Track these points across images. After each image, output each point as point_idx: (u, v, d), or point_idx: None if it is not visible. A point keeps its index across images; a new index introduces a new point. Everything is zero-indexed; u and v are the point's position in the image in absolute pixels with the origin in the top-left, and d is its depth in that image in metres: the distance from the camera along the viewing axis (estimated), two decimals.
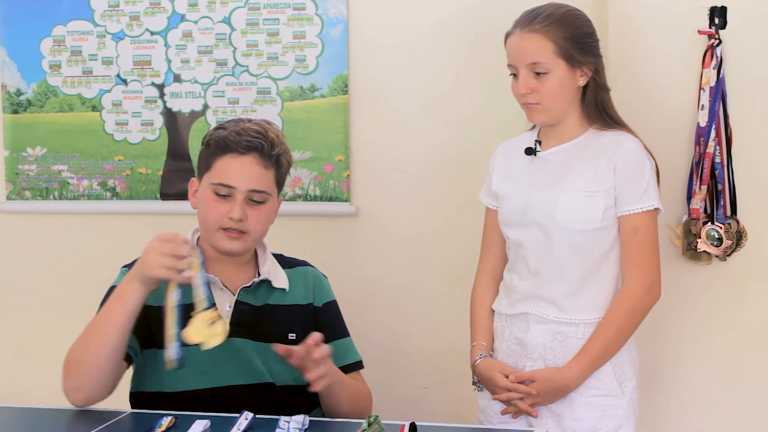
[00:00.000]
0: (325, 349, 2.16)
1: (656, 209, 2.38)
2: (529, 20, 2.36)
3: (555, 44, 2.33)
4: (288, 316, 2.35)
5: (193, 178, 2.40)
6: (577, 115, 2.42)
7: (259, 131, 2.31)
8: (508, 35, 2.41)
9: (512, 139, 2.55)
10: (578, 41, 2.35)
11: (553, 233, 2.37)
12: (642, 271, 2.36)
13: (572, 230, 2.35)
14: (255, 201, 2.30)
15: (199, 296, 2.07)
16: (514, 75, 2.39)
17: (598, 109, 2.41)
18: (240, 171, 2.28)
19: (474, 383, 2.51)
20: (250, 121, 2.35)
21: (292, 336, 2.33)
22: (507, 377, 2.39)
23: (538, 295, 2.40)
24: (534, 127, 2.51)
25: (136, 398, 2.33)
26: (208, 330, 2.06)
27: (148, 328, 2.25)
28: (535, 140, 2.46)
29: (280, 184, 2.37)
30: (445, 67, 3.02)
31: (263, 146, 2.29)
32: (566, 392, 2.36)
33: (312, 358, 2.13)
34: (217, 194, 2.28)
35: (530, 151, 2.45)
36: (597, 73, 2.39)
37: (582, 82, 2.39)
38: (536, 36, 2.34)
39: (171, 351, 2.03)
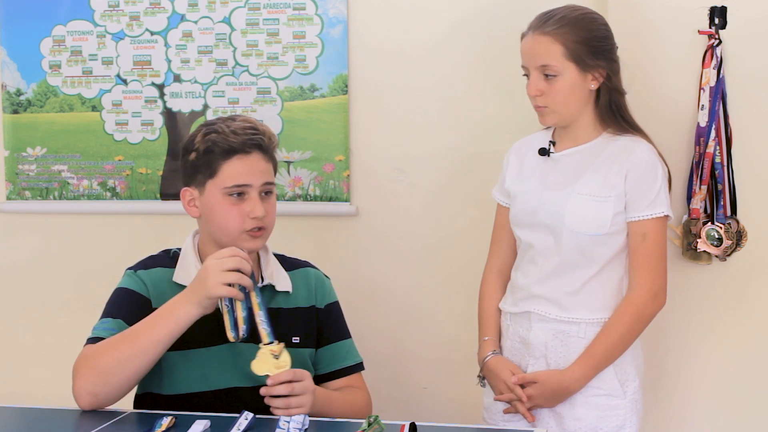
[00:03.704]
0: (300, 387, 2.13)
1: (666, 216, 2.38)
2: (542, 22, 2.36)
3: (565, 47, 2.33)
4: (291, 319, 2.35)
5: (185, 188, 2.35)
6: (590, 117, 2.42)
7: (253, 128, 2.31)
8: (522, 36, 2.41)
9: (527, 137, 2.55)
10: (590, 45, 2.34)
11: (561, 235, 2.37)
12: (649, 277, 2.36)
13: (581, 234, 2.35)
14: (266, 194, 2.31)
15: (263, 331, 2.13)
16: (527, 76, 2.40)
17: (612, 112, 2.40)
18: (251, 169, 2.28)
19: (478, 376, 2.51)
20: (233, 119, 2.34)
21: (295, 339, 2.33)
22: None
23: (541, 294, 2.41)
24: (549, 126, 2.51)
25: (140, 400, 2.33)
26: (275, 363, 2.12)
27: None
28: (550, 141, 2.46)
29: (274, 175, 2.39)
30: (445, 67, 3.02)
31: (263, 141, 2.31)
32: (568, 395, 2.37)
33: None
34: (231, 197, 2.28)
35: (544, 152, 2.45)
36: (609, 78, 2.38)
37: (594, 86, 2.38)
38: (547, 38, 2.34)
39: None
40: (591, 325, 2.38)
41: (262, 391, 2.12)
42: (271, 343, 2.13)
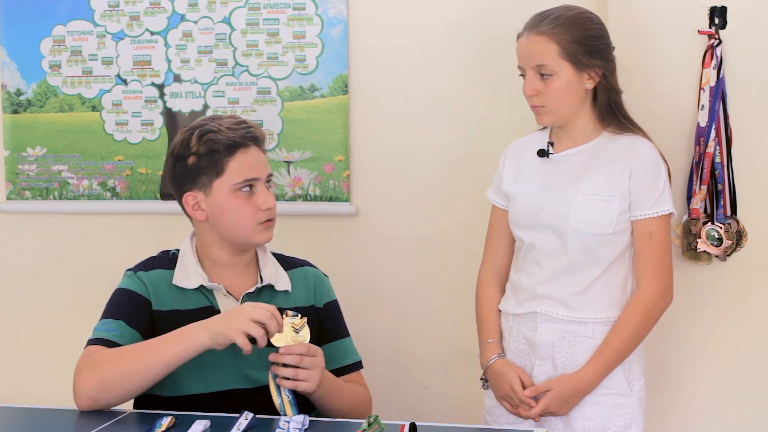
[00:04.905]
0: (309, 360, 2.15)
1: (670, 214, 2.39)
2: (537, 22, 2.36)
3: (560, 47, 2.33)
4: None
5: (188, 194, 2.33)
6: (588, 117, 2.42)
7: (244, 122, 2.34)
8: (518, 36, 2.41)
9: (523, 138, 2.54)
10: (586, 44, 2.35)
11: (566, 236, 2.37)
12: (656, 275, 2.37)
13: (586, 233, 2.35)
14: (267, 183, 2.34)
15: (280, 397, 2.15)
16: (524, 76, 2.40)
17: (611, 111, 2.41)
18: (255, 162, 2.31)
19: (482, 379, 2.50)
20: (220, 117, 2.36)
21: None
22: (523, 386, 2.38)
23: (547, 294, 2.40)
24: (545, 126, 2.50)
25: (141, 401, 2.32)
26: (293, 336, 2.14)
27: (153, 333, 2.23)
28: (548, 142, 2.46)
29: None
30: (445, 67, 3.02)
31: (257, 133, 2.34)
32: (582, 396, 2.36)
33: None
34: (241, 192, 2.29)
35: (543, 153, 2.45)
36: (605, 77, 2.38)
37: (590, 85, 2.38)
38: (542, 38, 2.34)
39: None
40: (598, 324, 2.38)
41: (271, 357, 2.13)
42: (296, 316, 2.14)
